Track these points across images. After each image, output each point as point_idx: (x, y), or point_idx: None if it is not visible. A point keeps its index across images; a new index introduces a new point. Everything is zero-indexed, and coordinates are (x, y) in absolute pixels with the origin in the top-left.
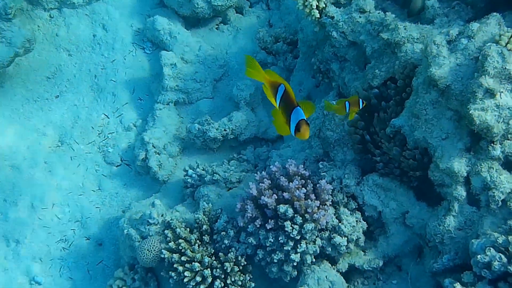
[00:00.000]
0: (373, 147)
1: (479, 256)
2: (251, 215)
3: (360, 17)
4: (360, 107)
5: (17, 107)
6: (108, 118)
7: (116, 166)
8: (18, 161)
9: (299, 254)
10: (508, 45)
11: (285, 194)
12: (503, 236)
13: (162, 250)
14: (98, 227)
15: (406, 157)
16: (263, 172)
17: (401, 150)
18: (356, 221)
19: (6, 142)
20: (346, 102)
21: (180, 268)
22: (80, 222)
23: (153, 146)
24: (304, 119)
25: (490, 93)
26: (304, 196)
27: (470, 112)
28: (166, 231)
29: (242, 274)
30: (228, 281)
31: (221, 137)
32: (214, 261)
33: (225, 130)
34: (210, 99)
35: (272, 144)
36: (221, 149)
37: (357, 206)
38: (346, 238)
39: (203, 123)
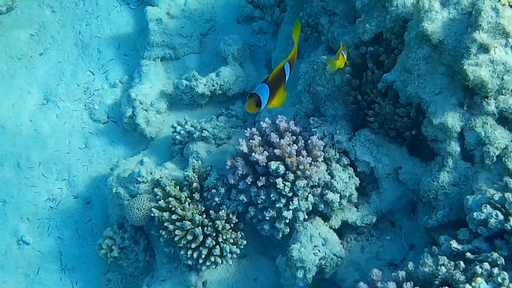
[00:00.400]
0: (366, 108)
1: (475, 214)
2: (241, 172)
3: None
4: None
5: (1, 66)
6: (94, 74)
7: (103, 123)
8: (3, 120)
9: (291, 211)
10: None
11: (276, 151)
12: (499, 193)
13: (152, 208)
14: (86, 185)
15: (399, 114)
16: (253, 128)
17: (394, 107)
18: (349, 177)
19: None
20: (342, 51)
21: (171, 227)
22: (67, 180)
23: (140, 102)
24: (255, 93)
25: (484, 49)
26: (295, 153)
27: (464, 67)
28: (155, 189)
29: (233, 232)
30: (220, 239)
31: (209, 93)
32: (205, 219)
33: (213, 85)
34: (197, 54)
35: None
36: (209, 105)
37: (349, 162)
38: (338, 194)
39: (191, 78)
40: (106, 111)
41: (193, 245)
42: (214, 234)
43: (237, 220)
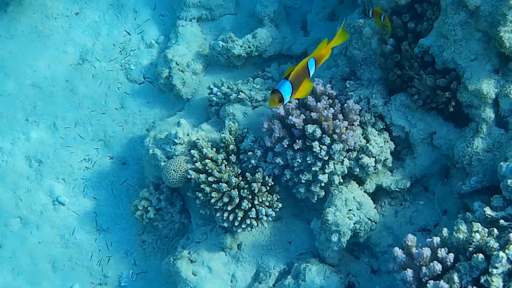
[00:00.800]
0: (408, 85)
1: (509, 181)
2: (278, 135)
3: None
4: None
5: (37, 25)
6: (130, 35)
7: (139, 84)
8: (39, 79)
9: (327, 174)
10: None
11: (313, 114)
12: None
13: (189, 170)
14: (122, 146)
15: (440, 86)
16: None
17: (434, 80)
18: (384, 141)
19: (26, 61)
20: (382, 15)
21: (207, 189)
22: (103, 141)
23: (176, 63)
24: (276, 89)
25: None
26: (332, 116)
27: (500, 34)
28: (192, 151)
29: (269, 195)
30: (256, 202)
31: (245, 54)
32: (241, 182)
33: (249, 47)
34: (233, 15)
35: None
36: (245, 66)
37: (384, 126)
38: (374, 158)
39: (227, 40)
40: (142, 71)
41: (229, 207)
42: (250, 197)
43: (273, 183)
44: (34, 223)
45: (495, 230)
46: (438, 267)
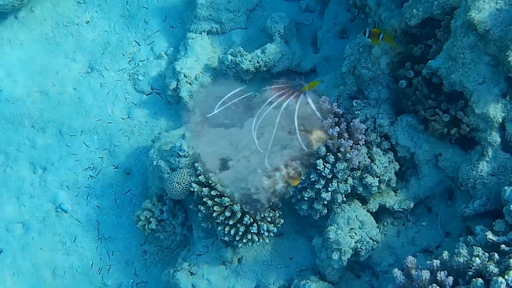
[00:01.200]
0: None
1: None
2: None
3: None
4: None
5: (47, 32)
6: (139, 45)
7: (146, 95)
8: (47, 86)
9: (330, 192)
10: None
11: None
12: None
13: (192, 183)
14: (127, 156)
15: (462, 120)
16: None
17: (450, 116)
18: (389, 161)
19: (34, 67)
20: (380, 35)
21: (210, 202)
22: (108, 150)
23: (184, 75)
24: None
25: None
26: (337, 135)
27: (509, 59)
28: (196, 164)
29: (271, 210)
30: (258, 217)
31: (253, 69)
32: None
33: (258, 62)
34: (243, 29)
35: (305, 77)
36: (253, 81)
37: (389, 146)
38: (378, 178)
39: (236, 54)
40: (150, 82)
41: (231, 222)
42: (252, 212)
43: None
44: (36, 229)
45: (496, 255)
46: None
